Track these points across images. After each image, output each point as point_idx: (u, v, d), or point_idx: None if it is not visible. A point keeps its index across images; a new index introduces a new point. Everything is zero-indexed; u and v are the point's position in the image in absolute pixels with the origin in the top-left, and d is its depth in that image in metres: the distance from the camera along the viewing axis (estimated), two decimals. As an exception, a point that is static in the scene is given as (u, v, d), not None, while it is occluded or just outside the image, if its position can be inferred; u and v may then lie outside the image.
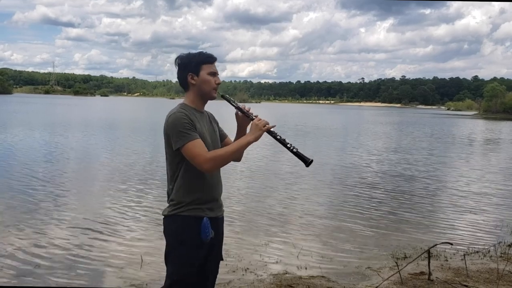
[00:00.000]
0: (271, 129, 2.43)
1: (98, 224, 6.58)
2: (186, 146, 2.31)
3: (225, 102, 2.54)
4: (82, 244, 5.67)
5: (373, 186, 10.42)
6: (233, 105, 2.54)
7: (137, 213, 7.28)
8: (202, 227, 2.38)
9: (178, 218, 2.40)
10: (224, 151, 2.38)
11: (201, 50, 2.52)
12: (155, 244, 5.75)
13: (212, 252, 2.49)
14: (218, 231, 2.50)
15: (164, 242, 2.48)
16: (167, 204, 2.48)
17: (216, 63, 2.54)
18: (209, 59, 2.48)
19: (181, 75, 2.48)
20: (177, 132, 2.32)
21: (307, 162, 2.44)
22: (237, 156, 2.47)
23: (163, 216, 2.49)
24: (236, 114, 2.58)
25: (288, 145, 2.42)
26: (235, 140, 2.57)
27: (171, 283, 2.43)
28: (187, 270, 2.39)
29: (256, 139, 2.40)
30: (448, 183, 11.37)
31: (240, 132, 2.60)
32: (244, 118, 2.56)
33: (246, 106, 2.58)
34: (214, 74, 2.48)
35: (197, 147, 2.31)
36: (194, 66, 2.44)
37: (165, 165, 2.52)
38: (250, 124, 2.47)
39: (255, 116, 2.49)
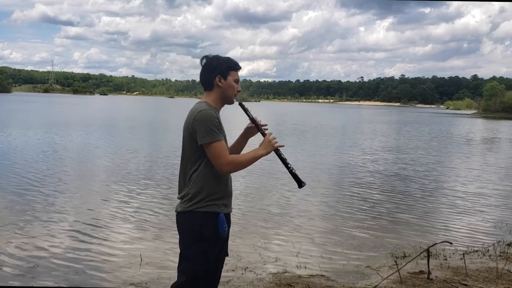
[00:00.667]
0: (279, 148, 2.60)
1: (97, 223, 6.57)
2: (213, 145, 2.39)
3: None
4: (81, 244, 5.67)
5: (373, 185, 10.42)
6: (248, 115, 2.66)
7: (136, 212, 7.27)
8: (219, 222, 2.46)
9: (195, 214, 2.44)
10: (243, 159, 2.51)
11: (228, 56, 2.61)
12: (155, 243, 5.76)
13: (222, 247, 2.60)
14: (228, 227, 2.60)
15: (164, 239, 2.49)
16: (180, 200, 2.50)
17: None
18: (237, 66, 2.60)
19: (209, 75, 2.55)
20: (206, 128, 2.38)
21: (301, 184, 2.64)
22: (250, 165, 2.58)
23: (176, 213, 2.52)
24: (249, 126, 2.71)
25: (288, 165, 2.62)
26: (234, 146, 2.73)
27: (187, 279, 2.46)
28: (204, 266, 2.45)
29: (268, 153, 2.56)
30: (448, 182, 11.37)
31: (243, 139, 2.74)
32: (254, 128, 2.70)
33: (258, 118, 2.70)
34: (238, 81, 2.60)
35: (222, 148, 2.42)
36: (224, 70, 2.53)
37: (168, 161, 2.55)
38: (260, 137, 2.62)
39: (266, 131, 2.64)
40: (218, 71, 2.52)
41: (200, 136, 2.38)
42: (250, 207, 7.91)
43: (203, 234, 2.43)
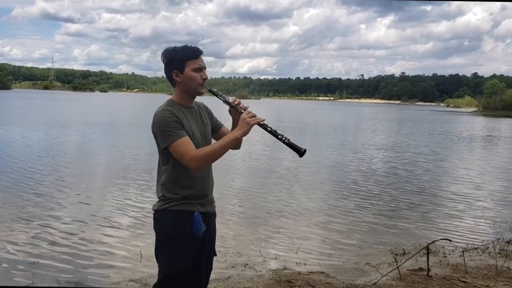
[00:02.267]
0: (262, 122, 2.34)
1: (96, 219, 6.58)
2: (172, 145, 2.28)
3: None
4: (81, 240, 5.67)
5: (372, 182, 10.42)
6: (221, 99, 2.47)
7: (136, 208, 7.27)
8: (194, 221, 2.35)
9: (169, 212, 2.38)
10: (210, 149, 2.32)
11: (185, 44, 2.41)
12: (154, 239, 5.75)
13: (204, 247, 2.48)
14: (209, 227, 2.47)
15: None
16: (157, 199, 2.46)
17: (216, 59, 2.50)
18: (194, 54, 2.37)
19: (166, 71, 2.41)
20: (163, 131, 2.29)
21: (300, 151, 2.36)
22: (224, 152, 2.36)
23: (153, 211, 2.48)
24: (230, 109, 2.49)
25: (279, 136, 2.35)
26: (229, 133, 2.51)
27: (162, 278, 2.42)
28: (178, 265, 2.38)
29: (245, 134, 2.32)
30: (447, 180, 11.38)
31: (235, 127, 2.48)
32: (236, 112, 2.46)
33: (237, 99, 2.48)
34: (200, 69, 2.38)
35: (183, 146, 2.27)
36: (178, 63, 2.36)
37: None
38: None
39: (244, 109, 2.39)
40: (171, 66, 2.37)
41: (160, 141, 2.32)
42: (250, 204, 7.91)
43: (175, 232, 2.36)
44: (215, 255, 2.63)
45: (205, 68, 2.43)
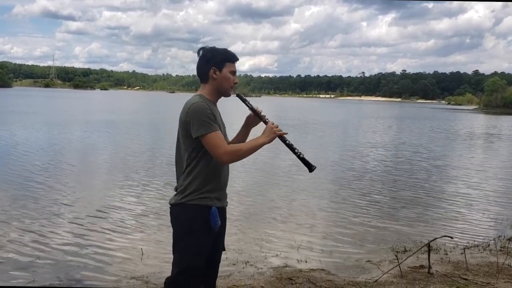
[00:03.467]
0: (284, 135, 2.52)
1: (97, 217, 6.59)
2: (208, 136, 2.35)
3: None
4: (82, 238, 5.67)
5: (373, 180, 10.43)
6: (247, 105, 2.62)
7: (137, 206, 7.28)
8: (211, 216, 2.41)
9: (187, 206, 2.43)
10: (242, 147, 2.45)
11: (226, 48, 2.55)
12: (155, 237, 5.77)
13: (217, 241, 2.55)
14: (223, 221, 2.55)
15: (165, 233, 2.49)
16: (174, 193, 2.50)
17: None
18: (233, 58, 2.54)
19: (204, 67, 2.51)
20: (200, 121, 2.35)
21: (311, 168, 2.57)
22: (251, 154, 2.50)
23: (169, 205, 2.51)
24: (250, 115, 2.65)
25: (296, 150, 2.54)
26: (237, 136, 2.68)
27: (178, 271, 2.46)
28: (195, 258, 2.43)
29: (270, 141, 2.48)
30: (448, 177, 11.37)
31: (245, 132, 2.69)
32: (254, 118, 2.64)
33: (259, 107, 2.64)
34: (234, 73, 2.53)
35: (218, 138, 2.37)
36: (219, 61, 2.48)
37: (169, 155, 2.53)
38: (262, 126, 2.54)
39: (267, 120, 2.56)
40: (213, 63, 2.48)
41: (195, 129, 2.36)
42: (251, 201, 7.92)
43: (193, 226, 2.41)
44: (224, 249, 2.69)
45: (236, 73, 2.58)
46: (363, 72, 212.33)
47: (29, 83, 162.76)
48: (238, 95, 2.60)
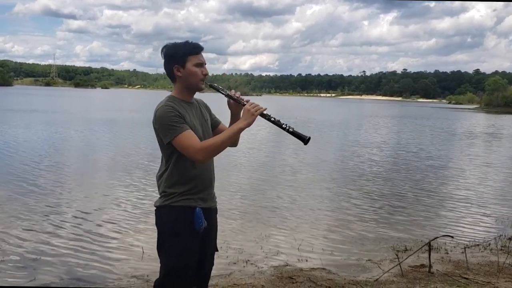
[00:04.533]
0: (264, 112, 2.35)
1: (98, 217, 6.59)
2: (176, 139, 2.29)
3: (214, 92, 2.49)
4: (82, 237, 5.68)
5: (374, 179, 10.42)
6: (222, 93, 2.48)
7: (137, 205, 7.28)
8: (195, 217, 2.36)
9: (171, 208, 2.39)
10: (215, 140, 2.33)
11: (187, 40, 2.43)
12: (156, 235, 5.75)
13: (206, 243, 2.49)
14: (211, 222, 2.49)
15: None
16: (159, 195, 2.47)
17: (218, 56, 2.50)
18: (196, 49, 2.40)
19: (167, 67, 2.42)
20: (165, 126, 2.30)
21: (305, 139, 2.37)
22: (230, 143, 2.40)
23: (154, 208, 2.49)
24: (228, 103, 2.51)
25: (283, 125, 2.36)
26: (229, 126, 2.52)
27: (165, 273, 2.43)
28: (181, 260, 2.39)
29: (249, 124, 2.33)
30: (449, 176, 11.36)
31: (234, 120, 2.51)
32: (236, 105, 2.48)
33: (237, 92, 2.50)
34: (201, 64, 2.41)
35: (188, 138, 2.29)
36: (180, 58, 2.37)
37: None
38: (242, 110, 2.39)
39: (246, 101, 2.41)
40: (174, 61, 2.38)
41: (163, 136, 2.32)
42: (252, 200, 7.91)
43: (177, 228, 2.37)
44: (217, 250, 2.64)
45: (205, 64, 2.45)
46: (364, 71, 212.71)
47: (30, 82, 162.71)
48: (210, 85, 2.48)
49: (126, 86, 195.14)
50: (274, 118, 2.37)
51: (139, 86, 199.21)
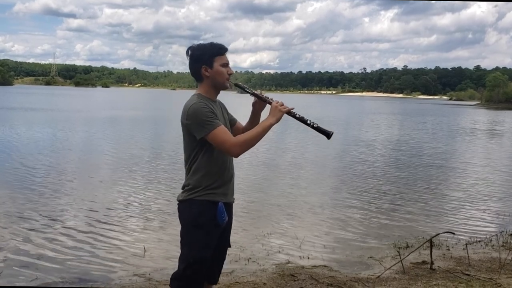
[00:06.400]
0: (292, 110, 2.50)
1: (100, 215, 6.59)
2: (212, 134, 2.38)
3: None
4: (84, 236, 5.68)
5: (375, 176, 10.42)
6: (248, 92, 2.60)
7: (139, 203, 7.29)
8: (218, 211, 2.47)
9: (195, 202, 2.47)
10: (250, 135, 2.45)
11: (212, 41, 2.55)
12: (158, 234, 5.78)
13: (223, 237, 2.61)
14: (229, 217, 2.62)
15: (168, 230, 2.51)
16: (181, 190, 2.55)
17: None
18: (221, 50, 2.51)
19: (195, 67, 2.52)
20: (200, 122, 2.38)
21: (329, 134, 2.58)
22: (260, 139, 2.50)
23: (177, 202, 2.56)
24: (253, 101, 2.64)
25: (308, 121, 2.52)
26: (247, 124, 2.68)
27: (186, 266, 2.50)
28: (202, 253, 2.48)
29: (278, 120, 2.46)
30: (450, 173, 11.35)
31: (255, 118, 2.67)
32: (260, 104, 2.62)
33: (262, 92, 2.63)
34: (226, 65, 2.53)
35: (223, 133, 2.40)
36: (208, 58, 2.48)
37: (171, 152, 2.56)
38: (269, 108, 2.53)
39: (271, 100, 2.54)
40: (202, 61, 2.49)
41: (198, 131, 2.40)
42: (253, 198, 7.91)
43: (200, 222, 2.46)
44: (229, 246, 2.76)
45: (229, 64, 2.56)
46: (364, 68, 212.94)
47: (30, 81, 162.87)
48: (236, 84, 2.60)
49: (126, 84, 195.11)
50: (299, 115, 2.53)
51: (139, 84, 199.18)
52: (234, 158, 2.59)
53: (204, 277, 2.57)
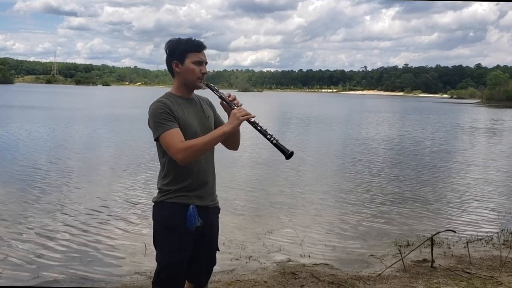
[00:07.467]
0: (252, 120, 2.31)
1: (101, 213, 6.60)
2: (161, 136, 2.29)
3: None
4: (85, 234, 5.69)
5: (376, 174, 10.42)
6: (216, 94, 2.47)
7: (141, 201, 7.29)
8: (188, 215, 2.35)
9: (166, 204, 2.40)
10: (196, 142, 2.28)
11: (190, 37, 2.42)
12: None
13: (203, 241, 2.47)
14: (209, 221, 2.48)
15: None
16: (157, 191, 2.49)
17: (219, 52, 2.49)
18: (197, 47, 2.39)
19: (168, 62, 2.43)
20: (154, 123, 2.32)
21: (287, 153, 2.32)
22: (211, 146, 2.37)
23: (152, 203, 2.51)
24: (222, 104, 2.47)
25: (268, 136, 2.32)
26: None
27: (160, 270, 2.44)
28: (173, 257, 2.39)
29: (234, 129, 2.30)
30: (451, 171, 11.35)
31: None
32: (228, 108, 2.43)
33: (232, 95, 2.46)
34: (201, 63, 2.40)
35: (170, 137, 2.26)
36: (179, 54, 2.37)
37: None
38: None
39: (236, 105, 2.38)
40: (173, 56, 2.38)
41: (152, 132, 2.33)
42: (254, 196, 7.93)
43: (171, 224, 2.37)
44: (218, 250, 2.63)
45: (206, 63, 2.44)
46: (365, 66, 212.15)
47: (31, 80, 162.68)
48: (207, 85, 2.47)
49: (127, 83, 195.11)
50: (260, 127, 2.34)
51: (140, 83, 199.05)
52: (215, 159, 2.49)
53: (184, 278, 2.47)
